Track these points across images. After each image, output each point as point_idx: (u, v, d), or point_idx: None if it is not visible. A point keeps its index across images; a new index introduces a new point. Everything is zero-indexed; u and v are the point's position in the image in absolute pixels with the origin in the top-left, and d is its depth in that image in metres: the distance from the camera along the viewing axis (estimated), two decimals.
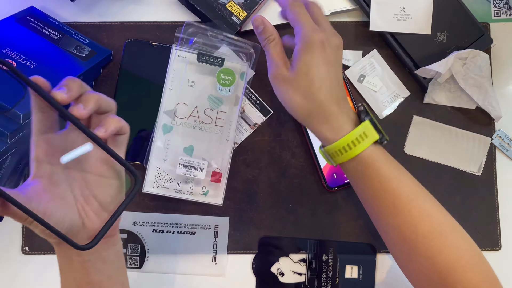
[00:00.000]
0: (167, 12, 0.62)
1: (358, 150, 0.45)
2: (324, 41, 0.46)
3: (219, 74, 0.57)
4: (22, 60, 0.53)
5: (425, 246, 0.45)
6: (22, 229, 0.60)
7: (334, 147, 0.46)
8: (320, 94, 0.46)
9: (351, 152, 0.45)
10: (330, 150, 0.47)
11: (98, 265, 0.42)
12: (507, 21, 0.63)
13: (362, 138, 0.45)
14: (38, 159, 0.37)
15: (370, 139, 0.46)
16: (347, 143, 0.45)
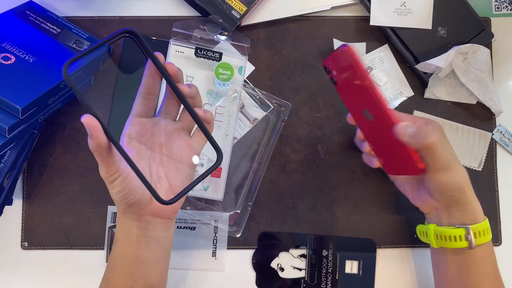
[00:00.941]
0: (167, 6, 0.62)
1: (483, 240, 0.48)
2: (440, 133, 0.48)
3: (217, 69, 0.57)
4: (21, 54, 0.53)
5: None
6: (22, 224, 0.60)
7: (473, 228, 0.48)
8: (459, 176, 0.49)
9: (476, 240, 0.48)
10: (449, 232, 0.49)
11: (151, 244, 0.46)
12: (508, 16, 0.63)
13: (485, 232, 0.49)
14: (130, 136, 0.44)
15: (489, 235, 0.49)
16: (479, 230, 0.48)
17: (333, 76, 0.49)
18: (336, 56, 0.46)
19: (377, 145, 0.52)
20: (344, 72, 0.47)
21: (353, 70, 0.45)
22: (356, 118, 0.51)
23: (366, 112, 0.48)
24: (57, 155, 0.60)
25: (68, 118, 0.60)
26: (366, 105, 0.47)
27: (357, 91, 0.47)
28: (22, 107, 0.49)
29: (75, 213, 0.60)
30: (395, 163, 0.50)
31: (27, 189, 0.60)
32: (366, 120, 0.49)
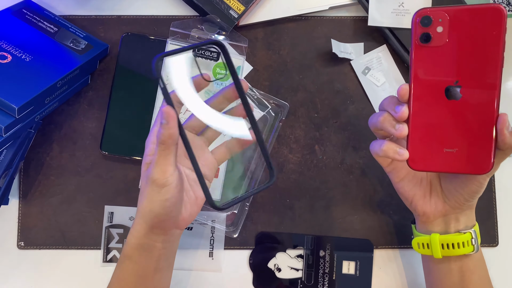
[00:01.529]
0: (165, 6, 0.62)
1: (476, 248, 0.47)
2: None
3: (215, 68, 0.57)
4: (17, 53, 0.53)
5: None
6: (18, 224, 0.59)
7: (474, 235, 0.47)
8: None
9: (468, 248, 0.46)
10: (449, 240, 0.47)
11: (169, 254, 0.46)
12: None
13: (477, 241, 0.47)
14: None
15: None
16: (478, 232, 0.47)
17: (431, 32, 0.39)
18: (468, 11, 0.38)
19: (431, 132, 0.42)
20: (461, 33, 0.39)
21: (490, 35, 0.38)
22: (420, 93, 0.41)
23: (452, 89, 0.40)
24: (54, 154, 0.60)
25: (65, 117, 0.60)
26: (464, 80, 0.39)
27: (463, 60, 0.39)
28: (18, 106, 0.49)
29: (71, 212, 0.59)
30: (457, 157, 0.41)
31: (23, 189, 0.59)
32: (440, 99, 0.40)
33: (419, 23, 0.40)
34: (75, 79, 0.57)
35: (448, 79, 0.40)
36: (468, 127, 0.40)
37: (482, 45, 0.38)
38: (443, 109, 0.40)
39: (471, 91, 0.39)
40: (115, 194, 0.60)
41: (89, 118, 0.60)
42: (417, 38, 0.40)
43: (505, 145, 0.39)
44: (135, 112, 0.59)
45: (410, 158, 0.42)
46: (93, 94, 0.60)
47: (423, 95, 0.41)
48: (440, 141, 0.41)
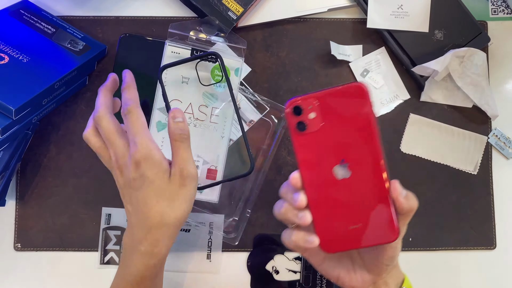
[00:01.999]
0: (163, 7, 0.61)
1: None
2: None
3: (214, 70, 0.57)
4: (15, 54, 0.53)
5: None
6: (15, 225, 0.59)
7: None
8: None
9: None
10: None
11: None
12: (504, 19, 0.63)
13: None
14: None
15: None
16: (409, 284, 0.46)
17: (304, 120, 0.40)
18: (334, 93, 0.39)
19: (333, 213, 0.41)
20: (333, 115, 0.40)
21: (359, 112, 0.39)
22: (311, 178, 0.41)
23: (339, 168, 0.40)
24: (51, 155, 0.59)
25: (63, 118, 0.60)
26: (349, 157, 0.40)
27: (342, 140, 0.40)
28: (15, 108, 0.48)
29: (68, 214, 0.59)
30: (364, 232, 0.41)
31: (20, 190, 0.59)
32: (332, 180, 0.40)
33: (292, 113, 0.40)
34: (73, 80, 0.56)
35: (333, 159, 0.40)
36: (366, 201, 0.40)
37: (356, 121, 0.39)
38: (338, 188, 0.40)
39: (358, 166, 0.40)
40: (112, 196, 0.59)
41: (86, 119, 0.59)
42: (294, 128, 0.40)
43: (403, 210, 0.40)
44: None
45: (321, 242, 0.41)
46: (91, 95, 0.60)
47: (315, 179, 0.41)
48: (344, 220, 0.41)
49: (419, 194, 0.60)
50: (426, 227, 0.61)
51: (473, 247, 0.61)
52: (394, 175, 0.60)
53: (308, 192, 0.41)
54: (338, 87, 0.39)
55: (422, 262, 0.61)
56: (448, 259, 0.61)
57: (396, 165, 0.61)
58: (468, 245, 0.61)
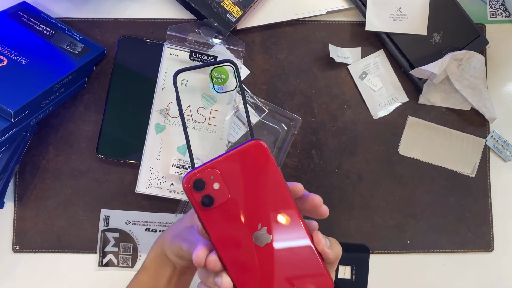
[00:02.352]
0: (162, 9, 0.61)
1: None
2: None
3: (212, 73, 0.57)
4: (13, 56, 0.53)
5: None
6: (13, 227, 0.59)
7: None
8: None
9: None
10: None
11: (181, 283, 0.46)
12: (503, 22, 0.63)
13: None
14: None
15: None
16: None
17: (209, 194, 0.36)
18: (233, 157, 0.36)
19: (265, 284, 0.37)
20: (238, 180, 0.36)
21: (263, 171, 0.36)
22: (232, 255, 0.36)
23: (259, 235, 0.37)
24: (50, 157, 0.59)
25: (61, 120, 0.60)
26: (265, 220, 0.37)
27: (253, 204, 0.37)
28: (14, 110, 0.48)
29: (67, 216, 0.59)
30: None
31: (19, 192, 0.59)
32: (255, 249, 0.37)
33: (193, 189, 0.36)
34: (72, 82, 0.56)
35: (250, 227, 0.36)
36: (295, 261, 0.38)
37: (262, 180, 0.36)
38: (263, 256, 0.37)
39: (277, 227, 0.37)
40: (111, 198, 0.59)
41: (85, 121, 0.60)
42: (199, 205, 0.36)
43: (330, 259, 0.38)
44: (131, 115, 0.58)
45: None
46: (90, 97, 0.60)
47: (235, 254, 0.37)
48: (278, 285, 0.37)
49: (417, 196, 0.61)
50: (424, 230, 0.61)
51: (471, 249, 0.61)
52: (393, 177, 0.61)
53: (232, 270, 0.36)
54: (234, 150, 0.36)
55: (420, 264, 0.61)
56: (446, 262, 0.61)
57: (394, 168, 0.61)
58: (466, 247, 0.61)
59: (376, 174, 0.61)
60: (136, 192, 0.57)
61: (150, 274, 0.46)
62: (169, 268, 0.45)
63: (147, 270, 0.46)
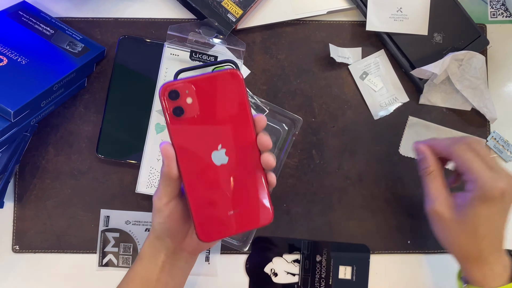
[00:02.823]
0: (162, 8, 0.61)
1: None
2: (506, 192, 0.44)
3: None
4: (13, 56, 0.52)
5: None
6: (13, 227, 0.59)
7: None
8: (482, 243, 0.46)
9: None
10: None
11: (174, 271, 0.47)
12: (503, 22, 0.63)
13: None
14: None
15: None
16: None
17: (181, 105, 0.39)
18: (209, 79, 0.40)
19: (212, 200, 0.42)
20: (210, 100, 0.40)
21: (234, 98, 0.40)
22: (189, 165, 0.41)
23: (217, 154, 0.41)
24: (50, 157, 0.59)
25: (61, 120, 0.59)
26: (225, 143, 0.41)
27: (218, 125, 0.40)
28: (14, 110, 0.48)
29: (67, 216, 0.59)
30: (241, 216, 0.42)
31: (18, 192, 0.59)
32: (210, 166, 0.41)
33: (168, 98, 0.39)
34: (72, 82, 0.56)
35: (211, 145, 0.40)
36: (243, 185, 0.41)
37: (231, 107, 0.40)
38: (216, 174, 0.41)
39: (236, 152, 0.41)
40: (111, 197, 0.59)
41: (85, 121, 0.60)
42: (170, 113, 0.39)
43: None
44: (131, 115, 0.58)
45: (199, 232, 0.41)
46: (90, 97, 0.60)
47: (193, 166, 0.41)
48: (223, 206, 0.41)
49: (418, 196, 0.61)
50: (424, 230, 0.61)
51: None
52: (393, 178, 0.61)
53: (186, 180, 0.41)
54: (213, 73, 0.40)
55: (421, 264, 0.61)
56: (446, 262, 0.61)
57: (395, 168, 0.61)
58: None
59: (377, 174, 0.61)
60: (136, 192, 0.57)
61: (143, 264, 0.46)
62: (162, 254, 0.46)
63: (141, 259, 0.46)
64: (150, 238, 0.46)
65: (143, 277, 0.46)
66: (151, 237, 0.46)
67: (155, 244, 0.46)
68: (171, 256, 0.46)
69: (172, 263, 0.46)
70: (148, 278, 0.46)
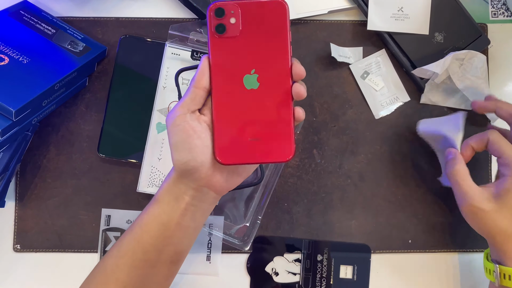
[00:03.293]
0: (163, 8, 0.61)
1: None
2: None
3: None
4: (15, 55, 0.52)
5: None
6: (14, 226, 0.59)
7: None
8: None
9: None
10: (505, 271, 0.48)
11: (197, 214, 0.45)
12: (504, 22, 0.63)
13: None
14: None
15: None
16: None
17: (224, 24, 0.41)
18: (256, 4, 0.41)
19: (236, 122, 0.42)
20: (252, 25, 0.41)
21: (276, 27, 0.41)
22: (220, 84, 0.42)
23: (249, 78, 0.41)
24: (51, 157, 0.59)
25: (62, 119, 0.60)
26: (260, 68, 0.41)
27: (256, 51, 0.41)
28: (15, 109, 0.48)
29: (68, 215, 0.59)
30: (261, 147, 0.42)
31: (19, 191, 0.59)
32: (239, 89, 0.41)
33: (214, 15, 0.41)
34: (73, 81, 0.56)
35: (245, 68, 0.41)
36: (269, 115, 0.42)
37: (272, 35, 0.41)
38: (244, 98, 0.42)
39: (268, 79, 0.41)
40: (112, 197, 0.59)
41: (86, 120, 0.60)
42: (213, 29, 0.41)
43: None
44: (133, 115, 0.58)
45: (218, 151, 0.42)
46: (91, 96, 0.60)
47: (223, 85, 0.42)
48: (245, 131, 0.42)
49: (419, 196, 0.61)
50: (426, 229, 0.61)
51: (473, 249, 0.61)
52: (394, 177, 0.61)
53: (214, 96, 0.41)
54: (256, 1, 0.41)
55: (422, 264, 0.61)
56: (447, 261, 0.61)
57: (396, 167, 0.61)
58: (467, 247, 0.61)
59: (378, 174, 0.61)
60: (137, 192, 0.57)
61: (162, 207, 0.44)
62: (186, 196, 0.43)
63: (158, 202, 0.44)
64: (171, 180, 0.44)
65: (161, 221, 0.44)
66: (172, 179, 0.44)
67: (177, 185, 0.43)
68: (197, 197, 0.44)
69: (196, 205, 0.44)
70: (167, 223, 0.44)
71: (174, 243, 0.45)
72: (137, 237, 0.45)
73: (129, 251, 0.45)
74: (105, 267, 0.46)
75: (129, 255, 0.44)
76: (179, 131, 0.41)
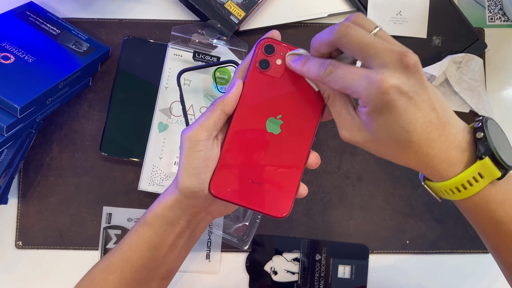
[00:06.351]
0: (166, 10, 0.63)
1: (469, 193, 0.36)
2: (401, 85, 0.34)
3: (215, 73, 0.58)
4: (20, 54, 0.54)
5: None
6: (16, 223, 0.60)
7: (441, 186, 0.37)
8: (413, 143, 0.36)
9: (460, 194, 0.37)
10: (434, 188, 0.39)
11: (192, 236, 0.44)
12: (501, 26, 0.64)
13: (475, 179, 0.36)
14: None
15: (487, 179, 0.36)
16: (455, 186, 0.36)
17: (270, 61, 0.40)
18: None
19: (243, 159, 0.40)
20: (295, 73, 0.40)
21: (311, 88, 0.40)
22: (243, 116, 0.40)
23: (274, 122, 0.40)
24: (54, 155, 0.60)
25: (66, 118, 0.60)
26: (287, 116, 0.40)
27: (290, 98, 0.40)
28: (20, 106, 0.49)
29: (70, 213, 0.60)
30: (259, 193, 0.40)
31: (22, 189, 0.60)
32: (260, 128, 0.40)
33: (263, 49, 0.40)
34: (77, 80, 0.57)
35: (273, 111, 0.40)
36: (279, 165, 0.40)
37: (309, 94, 0.40)
38: (261, 139, 0.40)
39: (290, 130, 0.40)
40: (113, 195, 0.60)
41: (89, 119, 0.61)
42: (257, 62, 0.40)
43: None
44: (135, 114, 0.59)
45: (214, 182, 0.39)
46: (94, 96, 0.61)
47: (246, 119, 0.40)
48: (249, 171, 0.40)
49: (417, 196, 0.61)
50: (423, 230, 0.61)
51: (470, 250, 0.61)
52: (392, 178, 0.61)
53: (233, 124, 0.40)
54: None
55: (419, 264, 0.61)
56: (444, 262, 0.61)
57: (394, 168, 0.62)
58: (465, 248, 0.61)
59: (376, 175, 0.62)
60: (138, 190, 0.58)
61: (154, 229, 0.42)
62: (182, 220, 0.42)
63: (150, 225, 0.42)
64: (172, 200, 0.41)
65: (152, 244, 0.42)
66: (173, 199, 0.41)
67: (175, 210, 0.41)
68: (194, 221, 0.42)
69: (193, 229, 0.43)
70: (159, 246, 0.42)
71: (166, 262, 0.44)
72: (125, 257, 0.44)
73: (118, 269, 0.44)
74: (93, 282, 0.45)
75: (118, 273, 0.44)
76: (200, 158, 0.39)
